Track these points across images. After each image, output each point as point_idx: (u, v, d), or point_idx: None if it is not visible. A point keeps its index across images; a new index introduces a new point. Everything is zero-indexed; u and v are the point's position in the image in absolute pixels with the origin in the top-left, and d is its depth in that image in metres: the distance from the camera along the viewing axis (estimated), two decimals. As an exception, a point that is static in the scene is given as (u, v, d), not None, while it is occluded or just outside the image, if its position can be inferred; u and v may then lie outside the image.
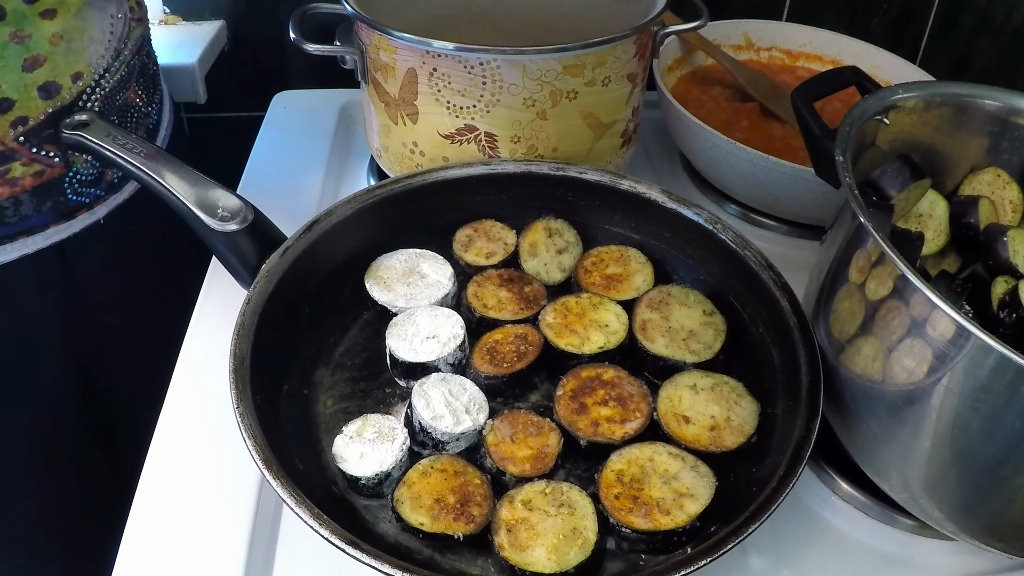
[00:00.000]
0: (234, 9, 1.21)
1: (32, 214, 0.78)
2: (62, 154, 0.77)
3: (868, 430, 0.62)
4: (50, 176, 0.78)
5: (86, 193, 0.82)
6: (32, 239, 0.79)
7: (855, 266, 0.61)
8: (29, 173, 0.76)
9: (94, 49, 0.79)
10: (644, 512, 0.61)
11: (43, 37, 0.74)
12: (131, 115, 0.86)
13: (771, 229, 0.99)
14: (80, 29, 0.77)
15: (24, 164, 0.75)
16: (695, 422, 0.67)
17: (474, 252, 0.82)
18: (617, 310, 0.76)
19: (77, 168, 0.80)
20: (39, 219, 0.79)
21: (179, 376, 0.76)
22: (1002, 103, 0.71)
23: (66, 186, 0.80)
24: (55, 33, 0.74)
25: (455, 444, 0.67)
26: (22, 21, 0.72)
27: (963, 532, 0.60)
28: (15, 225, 0.78)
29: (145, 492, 0.67)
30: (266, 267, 0.70)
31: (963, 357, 0.51)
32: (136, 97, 0.85)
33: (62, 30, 0.75)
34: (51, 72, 0.75)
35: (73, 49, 0.76)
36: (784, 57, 1.16)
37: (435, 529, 0.60)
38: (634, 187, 0.81)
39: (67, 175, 0.79)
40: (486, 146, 0.85)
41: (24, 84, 0.73)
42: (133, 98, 0.85)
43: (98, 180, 0.83)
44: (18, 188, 0.76)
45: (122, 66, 0.83)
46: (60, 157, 0.77)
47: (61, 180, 0.79)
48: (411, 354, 0.72)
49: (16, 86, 0.73)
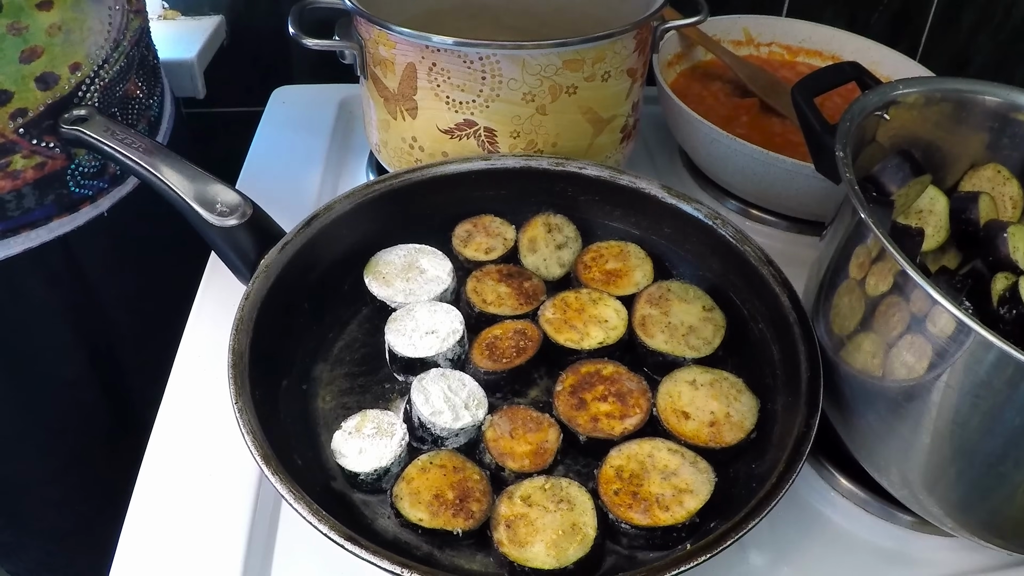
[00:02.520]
0: (233, 4, 1.20)
1: (35, 207, 0.78)
2: (63, 145, 0.77)
3: (868, 426, 0.62)
4: (52, 168, 0.78)
5: (89, 185, 0.82)
6: (36, 232, 0.79)
7: (855, 262, 0.61)
8: (31, 166, 0.76)
9: (92, 40, 0.79)
10: (643, 508, 0.61)
11: (40, 28, 0.73)
12: (132, 107, 0.86)
13: (771, 225, 0.99)
14: (78, 20, 0.77)
15: (25, 156, 0.75)
16: (694, 418, 0.67)
17: (473, 247, 0.82)
18: (616, 306, 0.76)
19: (79, 160, 0.80)
20: (42, 212, 0.79)
21: (178, 371, 0.76)
22: (1002, 99, 0.71)
23: (68, 178, 0.80)
24: (53, 24, 0.74)
25: (454, 440, 0.67)
26: (19, 12, 0.72)
27: (962, 528, 0.60)
28: (18, 218, 0.78)
29: (144, 487, 0.67)
30: (265, 262, 0.70)
31: (963, 353, 0.51)
32: (137, 89, 0.85)
33: (60, 21, 0.74)
34: (49, 63, 0.75)
35: (71, 40, 0.76)
36: (784, 52, 1.16)
37: (434, 525, 0.60)
38: (634, 182, 0.81)
39: (69, 167, 0.79)
40: (485, 141, 0.85)
41: (22, 76, 0.73)
42: (133, 90, 0.85)
43: (101, 172, 0.83)
44: (20, 181, 0.76)
45: (121, 57, 0.83)
46: (61, 148, 0.77)
47: (63, 172, 0.79)
48: (410, 349, 0.72)
49: (14, 78, 0.73)
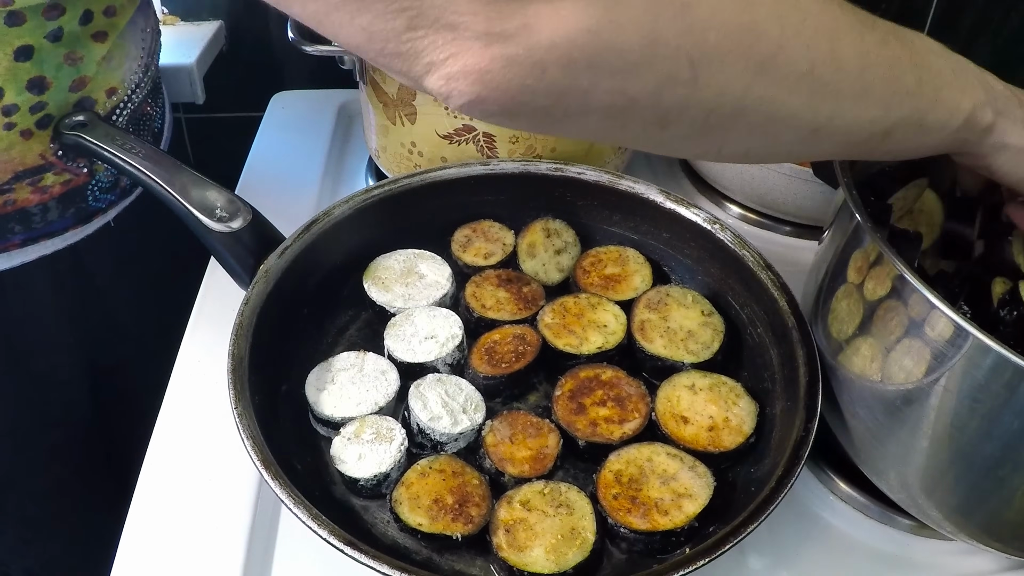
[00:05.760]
0: (232, 9, 1.20)
1: (57, 219, 0.81)
2: (89, 164, 0.79)
3: (866, 430, 0.62)
4: (75, 184, 0.80)
5: (104, 199, 0.84)
6: (51, 241, 0.82)
7: (853, 266, 0.61)
8: (59, 182, 0.78)
9: (128, 65, 0.80)
10: (642, 512, 0.61)
11: (93, 60, 0.74)
12: (144, 122, 0.88)
13: (769, 229, 0.99)
14: (121, 48, 0.78)
15: (56, 174, 0.77)
16: (693, 422, 0.67)
17: (472, 252, 0.82)
18: (615, 310, 0.76)
19: (99, 176, 0.82)
20: (61, 223, 0.81)
21: (177, 376, 0.76)
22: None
23: (88, 193, 0.82)
24: (103, 56, 0.75)
25: (453, 444, 0.67)
26: (75, 43, 0.72)
27: (961, 532, 0.60)
28: (41, 229, 0.80)
29: (144, 492, 0.67)
30: (264, 267, 0.70)
31: (961, 357, 0.51)
32: (147, 107, 0.87)
33: (109, 51, 0.76)
34: (91, 90, 0.76)
35: (111, 67, 0.78)
36: (782, 57, 1.16)
37: (433, 529, 0.60)
38: (632, 187, 0.81)
39: (89, 183, 0.82)
40: (484, 146, 0.85)
41: (67, 103, 0.75)
42: (146, 107, 0.87)
43: (114, 186, 0.85)
44: (47, 196, 0.78)
45: (150, 80, 0.85)
46: (87, 167, 0.80)
47: (85, 187, 0.81)
48: (409, 354, 0.72)
49: (60, 105, 0.74)
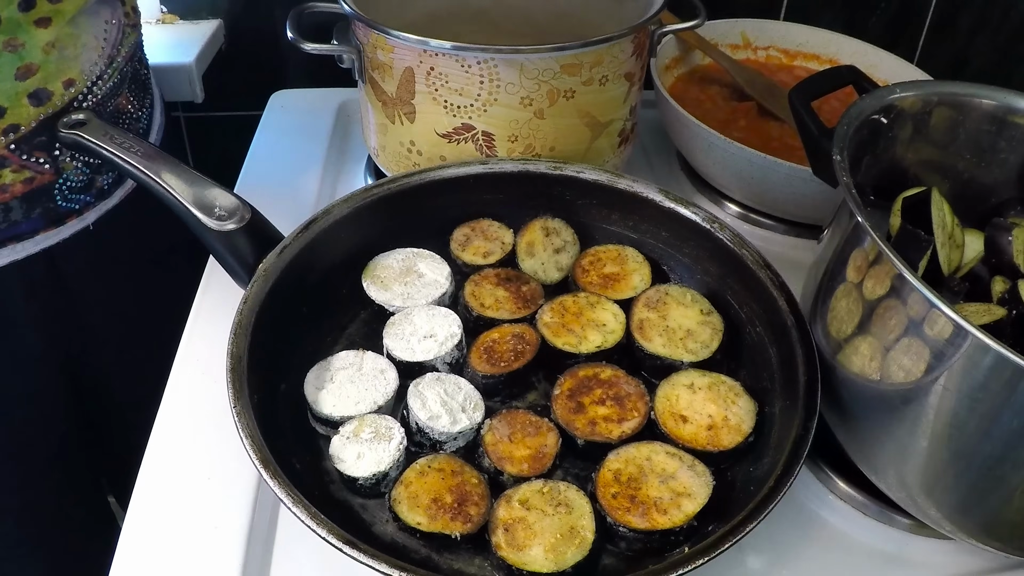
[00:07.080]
0: (231, 8, 1.20)
1: (22, 220, 0.78)
2: (52, 161, 0.77)
3: (865, 429, 0.62)
4: (40, 183, 0.77)
5: (76, 200, 0.82)
6: (22, 245, 0.79)
7: (852, 265, 0.61)
8: (19, 180, 0.75)
9: (87, 56, 0.78)
10: (641, 511, 0.61)
11: (37, 46, 0.72)
12: (122, 120, 0.85)
13: (768, 228, 0.99)
14: (74, 36, 0.76)
15: (14, 171, 0.75)
16: (692, 421, 0.67)
17: (471, 251, 0.82)
18: (614, 309, 0.76)
19: (67, 175, 0.79)
20: (28, 225, 0.78)
21: (176, 375, 0.76)
22: (999, 102, 0.71)
23: (56, 193, 0.79)
24: (49, 42, 0.73)
25: (452, 443, 0.67)
26: (16, 29, 0.71)
27: (960, 531, 0.60)
28: (5, 231, 0.77)
29: (143, 492, 0.67)
30: (263, 266, 0.70)
31: (960, 356, 0.51)
32: (127, 103, 0.85)
33: (56, 38, 0.73)
34: (43, 80, 0.74)
35: (66, 56, 0.75)
36: (782, 56, 1.16)
37: (432, 528, 0.60)
38: (631, 186, 0.81)
39: (57, 182, 0.79)
40: (483, 145, 0.85)
41: (15, 92, 0.73)
42: (124, 104, 0.84)
43: (88, 187, 0.82)
44: (8, 195, 0.75)
45: (115, 73, 0.82)
46: (51, 164, 0.77)
47: (51, 187, 0.79)
48: (408, 353, 0.72)
49: (8, 94, 0.72)
